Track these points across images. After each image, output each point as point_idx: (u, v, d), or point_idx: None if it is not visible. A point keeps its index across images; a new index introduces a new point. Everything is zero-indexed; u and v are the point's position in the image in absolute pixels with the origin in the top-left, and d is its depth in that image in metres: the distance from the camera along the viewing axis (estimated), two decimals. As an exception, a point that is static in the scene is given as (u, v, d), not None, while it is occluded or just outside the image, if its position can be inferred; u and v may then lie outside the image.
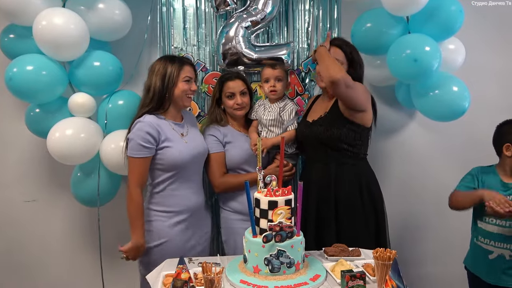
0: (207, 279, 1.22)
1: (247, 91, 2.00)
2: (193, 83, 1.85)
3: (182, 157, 1.77)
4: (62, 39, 1.77)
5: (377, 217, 1.89)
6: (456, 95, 1.97)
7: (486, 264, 1.80)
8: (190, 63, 1.90)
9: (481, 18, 2.27)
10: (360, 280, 1.26)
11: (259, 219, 1.43)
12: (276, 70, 2.02)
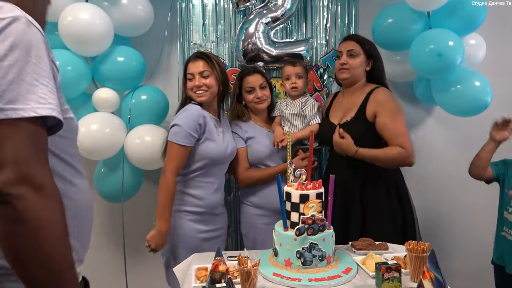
0: (243, 272, 1.23)
1: (267, 85, 2.00)
2: (197, 78, 1.78)
3: (217, 153, 1.79)
4: (87, 35, 1.78)
5: (404, 213, 1.89)
6: (478, 90, 1.97)
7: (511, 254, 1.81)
8: (194, 57, 1.84)
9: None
10: (396, 272, 1.26)
11: (290, 213, 1.43)
12: (297, 67, 2.02)
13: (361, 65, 1.89)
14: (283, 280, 1.33)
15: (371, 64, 1.91)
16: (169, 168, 1.70)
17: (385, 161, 1.79)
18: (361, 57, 1.88)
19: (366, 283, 1.34)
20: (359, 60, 1.88)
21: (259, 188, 1.96)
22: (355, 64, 1.87)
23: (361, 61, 1.89)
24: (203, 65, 1.80)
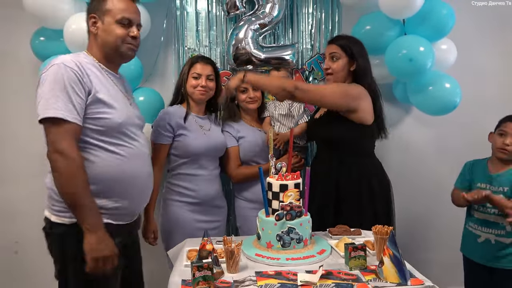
0: (228, 250, 1.40)
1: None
2: (203, 79, 1.99)
3: (196, 146, 1.96)
4: (89, 42, 1.95)
5: (383, 208, 1.99)
6: (448, 92, 2.15)
7: (477, 247, 1.98)
8: (206, 62, 2.04)
9: (482, 17, 2.42)
10: (361, 251, 1.44)
11: (271, 201, 1.60)
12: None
13: (344, 67, 1.96)
14: (264, 259, 1.50)
15: (355, 65, 1.96)
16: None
17: (267, 81, 1.95)
18: (342, 60, 1.95)
19: (337, 262, 1.51)
20: (341, 63, 1.95)
21: (251, 184, 2.12)
22: (337, 68, 1.96)
23: (343, 64, 1.95)
24: (211, 70, 2.03)
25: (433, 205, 2.65)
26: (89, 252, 1.35)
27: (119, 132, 1.50)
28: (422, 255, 2.64)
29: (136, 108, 1.68)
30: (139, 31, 1.58)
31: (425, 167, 2.65)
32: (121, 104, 1.52)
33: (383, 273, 1.36)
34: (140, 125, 1.64)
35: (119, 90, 1.57)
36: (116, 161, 1.48)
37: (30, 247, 2.41)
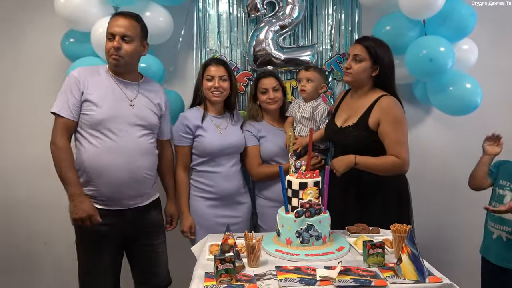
0: (249, 245, 1.45)
1: (280, 88, 2.21)
2: (216, 80, 2.05)
3: (212, 145, 2.04)
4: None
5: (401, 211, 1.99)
6: (469, 92, 2.15)
7: (491, 245, 1.97)
8: (217, 63, 2.10)
9: (481, 18, 2.33)
10: (380, 248, 1.46)
11: (291, 198, 1.65)
12: (308, 72, 2.20)
13: (365, 70, 1.92)
14: (283, 255, 1.54)
15: (378, 70, 1.93)
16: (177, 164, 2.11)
17: (379, 169, 1.90)
18: (365, 63, 1.91)
19: (355, 259, 1.54)
20: (363, 65, 1.91)
21: (271, 183, 2.17)
22: (358, 69, 1.92)
23: (365, 67, 1.91)
24: (223, 70, 2.09)
25: (453, 206, 2.63)
26: (70, 214, 1.75)
27: (101, 127, 1.76)
28: (442, 256, 2.62)
29: (140, 110, 1.85)
30: (124, 41, 1.78)
31: (445, 168, 2.63)
32: (111, 104, 1.77)
33: (401, 270, 1.38)
34: (136, 123, 1.82)
35: (120, 93, 1.82)
36: (94, 151, 1.77)
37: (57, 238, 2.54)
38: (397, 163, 1.88)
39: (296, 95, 2.52)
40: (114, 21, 1.79)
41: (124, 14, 1.83)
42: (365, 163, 1.89)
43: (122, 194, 1.81)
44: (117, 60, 1.77)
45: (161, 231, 1.99)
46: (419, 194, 2.56)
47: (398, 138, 1.88)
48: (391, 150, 1.88)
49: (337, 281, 1.33)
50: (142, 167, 1.82)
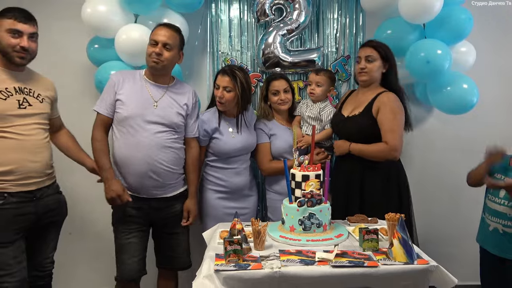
0: (255, 230, 1.62)
1: (290, 89, 2.35)
2: (220, 91, 2.15)
3: (225, 147, 2.20)
4: (137, 49, 2.21)
5: (401, 201, 2.15)
6: (465, 91, 2.27)
7: (488, 236, 2.09)
8: (225, 74, 2.17)
9: (481, 18, 2.48)
10: (374, 234, 1.61)
11: (294, 190, 1.80)
12: (318, 76, 2.33)
13: (378, 68, 2.14)
14: (287, 240, 1.70)
15: (387, 67, 2.15)
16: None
17: (368, 154, 2.10)
18: (378, 62, 2.13)
19: (352, 244, 1.69)
20: (376, 64, 2.13)
21: (280, 177, 2.31)
22: (372, 68, 2.13)
23: (378, 65, 2.14)
24: (227, 82, 2.14)
25: (454, 200, 2.75)
26: (105, 193, 2.01)
27: (125, 123, 2.01)
28: (444, 250, 2.74)
29: (163, 110, 2.05)
30: (166, 49, 2.00)
31: (446, 165, 2.76)
32: (136, 104, 2.00)
33: (393, 253, 1.52)
34: (156, 121, 2.02)
35: (147, 94, 2.04)
36: (120, 145, 2.03)
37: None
38: (385, 149, 2.07)
39: (303, 95, 2.68)
40: (158, 30, 2.02)
41: (168, 25, 2.07)
42: (357, 149, 2.12)
43: (144, 185, 2.01)
44: (157, 63, 1.99)
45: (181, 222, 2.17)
46: (421, 188, 2.71)
47: (391, 127, 2.07)
48: (384, 137, 2.08)
49: (333, 262, 1.48)
50: (160, 161, 2.01)
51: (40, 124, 1.88)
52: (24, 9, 1.84)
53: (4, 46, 1.78)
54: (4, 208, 1.77)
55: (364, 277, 1.46)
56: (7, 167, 1.77)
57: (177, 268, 2.22)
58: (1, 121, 1.76)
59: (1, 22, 1.79)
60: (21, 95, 1.83)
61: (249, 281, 1.43)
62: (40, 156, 1.86)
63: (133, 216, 2.04)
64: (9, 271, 1.78)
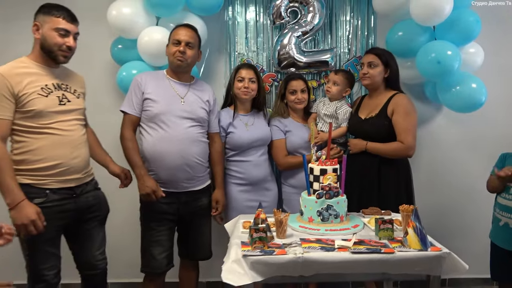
0: (277, 220, 1.72)
1: (306, 89, 2.47)
2: (246, 81, 2.32)
3: (240, 141, 2.33)
4: (159, 51, 2.32)
5: (408, 195, 2.32)
6: (474, 91, 2.37)
7: (499, 231, 2.18)
8: (248, 67, 2.36)
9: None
10: (389, 224, 1.71)
11: (313, 183, 1.91)
12: (336, 76, 2.44)
13: (380, 73, 2.29)
14: (306, 230, 1.81)
15: (388, 72, 2.30)
16: None
17: (385, 153, 2.25)
18: (379, 67, 2.28)
19: (368, 234, 1.79)
20: (378, 70, 2.28)
21: (295, 171, 2.42)
22: (374, 73, 2.29)
23: (380, 71, 2.29)
24: (252, 74, 2.35)
25: (462, 194, 2.84)
26: (139, 191, 2.13)
27: (157, 120, 2.10)
28: (451, 245, 2.83)
29: (189, 105, 2.17)
30: (189, 47, 2.13)
31: (455, 162, 2.85)
32: (165, 101, 2.11)
33: (408, 241, 1.62)
34: (185, 117, 2.14)
35: (172, 92, 2.17)
36: (152, 141, 2.11)
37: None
38: (401, 148, 2.22)
39: (316, 94, 2.79)
40: (179, 30, 2.13)
41: (188, 25, 2.18)
42: (374, 148, 2.26)
43: (177, 177, 2.12)
44: (181, 61, 2.11)
45: (207, 215, 2.30)
46: (430, 183, 2.82)
47: (406, 127, 2.21)
48: (399, 136, 2.22)
49: (352, 249, 1.58)
50: (193, 154, 2.12)
51: (78, 120, 1.94)
52: (69, 9, 1.89)
53: (50, 44, 1.81)
54: (46, 206, 1.80)
55: (381, 263, 1.56)
56: (51, 162, 1.81)
57: (199, 258, 2.34)
58: (44, 118, 1.80)
59: (47, 19, 1.81)
60: (60, 91, 1.87)
61: (275, 265, 1.53)
62: (80, 152, 1.91)
63: (164, 212, 2.13)
64: (47, 265, 1.85)
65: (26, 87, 1.77)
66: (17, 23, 2.60)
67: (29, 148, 1.80)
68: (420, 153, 2.82)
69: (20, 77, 1.77)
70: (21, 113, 1.77)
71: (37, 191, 1.81)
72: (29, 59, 1.86)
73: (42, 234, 1.78)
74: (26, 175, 1.81)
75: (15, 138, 1.82)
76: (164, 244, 2.15)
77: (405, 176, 2.33)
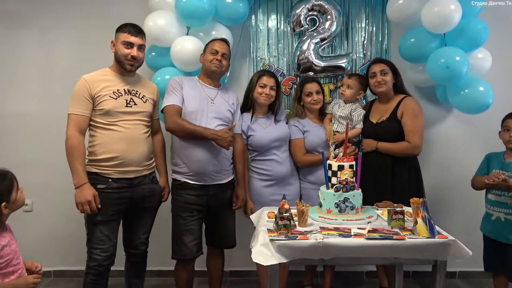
0: (299, 210, 1.93)
1: (321, 91, 2.67)
2: (267, 88, 2.52)
3: (260, 141, 2.54)
4: (190, 58, 2.57)
5: (418, 190, 2.52)
6: (482, 93, 2.53)
7: (490, 224, 2.36)
8: (270, 75, 2.57)
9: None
10: (401, 215, 1.90)
11: (331, 178, 2.11)
12: (350, 80, 2.63)
13: (391, 80, 2.52)
14: (325, 220, 2.01)
15: (395, 78, 2.54)
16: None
17: (394, 151, 2.47)
18: (390, 74, 2.51)
19: (381, 224, 1.99)
20: (389, 76, 2.51)
21: (314, 169, 2.62)
22: (388, 79, 2.51)
23: (391, 77, 2.52)
24: (273, 82, 2.56)
25: (471, 195, 2.95)
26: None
27: (189, 118, 2.32)
28: (459, 239, 2.97)
29: (218, 107, 2.42)
30: (223, 58, 2.41)
31: (464, 161, 2.98)
32: (198, 102, 2.36)
33: (417, 230, 1.81)
34: (214, 116, 2.38)
35: (204, 94, 2.41)
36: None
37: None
38: (408, 147, 2.45)
39: (333, 96, 2.99)
40: (217, 43, 2.43)
41: (223, 39, 2.49)
42: (384, 147, 2.49)
43: (207, 170, 2.35)
44: (217, 67, 2.39)
45: (232, 206, 2.53)
46: (440, 180, 2.99)
47: (414, 128, 2.43)
48: (407, 136, 2.44)
49: (367, 236, 1.78)
50: (219, 148, 2.35)
51: (141, 120, 2.24)
52: (135, 24, 2.25)
53: (120, 55, 2.19)
54: (106, 191, 2.15)
55: (393, 248, 1.76)
56: (113, 154, 2.14)
57: (225, 246, 2.56)
58: (112, 117, 2.16)
59: (119, 36, 2.21)
60: (128, 96, 2.21)
61: (299, 249, 1.74)
62: (136, 148, 2.20)
63: (194, 204, 2.36)
64: (100, 246, 2.16)
65: (101, 90, 2.14)
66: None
67: (97, 142, 2.16)
68: (431, 152, 3.00)
69: (98, 82, 2.16)
70: (96, 111, 2.13)
71: (102, 179, 2.15)
72: (109, 69, 2.26)
73: (99, 215, 2.12)
74: (94, 165, 2.16)
75: (90, 132, 2.20)
76: (194, 233, 2.38)
77: (415, 174, 2.54)
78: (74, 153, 2.09)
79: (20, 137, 3.08)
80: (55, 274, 3.15)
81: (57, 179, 2.93)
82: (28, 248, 1.72)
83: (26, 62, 3.05)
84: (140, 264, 2.41)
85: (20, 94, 3.07)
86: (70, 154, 2.10)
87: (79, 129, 2.13)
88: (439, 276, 1.80)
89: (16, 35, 3.03)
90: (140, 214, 2.31)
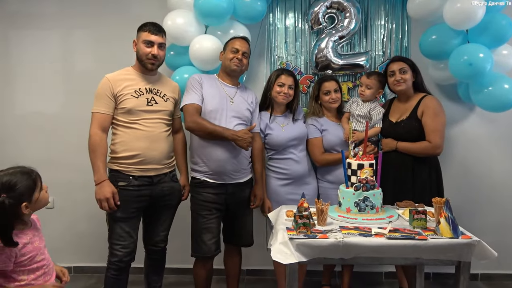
0: (319, 209, 1.92)
1: (339, 90, 2.64)
2: (285, 87, 2.51)
3: (277, 140, 2.53)
4: (208, 57, 2.58)
5: (438, 189, 2.48)
6: (506, 91, 2.46)
7: None
8: (289, 74, 2.55)
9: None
10: (423, 214, 1.87)
11: (351, 176, 2.09)
12: (368, 80, 2.59)
13: (411, 78, 2.49)
14: (345, 219, 1.99)
15: (415, 76, 2.50)
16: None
17: (414, 151, 2.44)
18: (410, 72, 2.48)
19: (402, 224, 1.96)
20: (409, 74, 2.48)
21: (332, 168, 2.60)
22: (408, 78, 2.48)
23: (411, 75, 2.49)
24: (292, 81, 2.54)
25: (494, 195, 2.94)
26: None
27: (209, 116, 2.32)
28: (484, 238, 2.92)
29: (237, 106, 2.42)
30: (244, 56, 2.41)
31: (487, 160, 2.95)
32: (217, 100, 2.35)
33: (440, 230, 1.78)
34: (233, 115, 2.38)
35: (224, 93, 2.41)
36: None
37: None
38: (429, 147, 2.41)
39: (351, 95, 2.95)
40: (237, 41, 2.42)
41: (244, 38, 2.47)
42: (404, 147, 2.45)
43: (226, 169, 2.35)
44: (238, 66, 2.40)
45: (249, 205, 2.53)
46: (462, 179, 2.93)
47: (434, 127, 2.39)
48: (428, 136, 2.40)
49: (388, 235, 1.76)
50: (238, 148, 2.35)
51: (162, 119, 2.26)
52: (156, 23, 2.26)
53: (141, 54, 2.22)
54: (127, 189, 2.18)
55: (415, 249, 1.73)
56: (134, 152, 2.17)
57: (243, 245, 2.57)
58: (133, 115, 2.19)
59: (140, 35, 2.23)
60: (150, 95, 2.24)
61: (318, 248, 1.73)
62: (157, 146, 2.22)
63: (213, 202, 2.36)
64: (120, 242, 2.19)
65: (124, 89, 2.17)
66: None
67: (118, 140, 2.20)
68: (452, 152, 2.94)
69: (120, 81, 2.19)
70: (118, 110, 2.17)
71: (123, 176, 2.18)
72: (132, 68, 2.29)
73: (120, 212, 2.16)
74: (116, 163, 2.19)
75: (113, 131, 2.25)
76: (213, 231, 2.38)
77: (436, 173, 2.49)
78: (96, 150, 2.13)
79: (42, 136, 3.15)
80: (75, 270, 3.20)
81: (78, 177, 2.99)
82: (49, 244, 1.73)
83: (48, 62, 3.11)
84: (160, 261, 2.44)
85: (42, 93, 3.13)
86: (92, 151, 2.14)
87: (102, 127, 2.16)
88: (463, 278, 1.76)
89: (37, 35, 3.10)
90: (159, 211, 2.33)
